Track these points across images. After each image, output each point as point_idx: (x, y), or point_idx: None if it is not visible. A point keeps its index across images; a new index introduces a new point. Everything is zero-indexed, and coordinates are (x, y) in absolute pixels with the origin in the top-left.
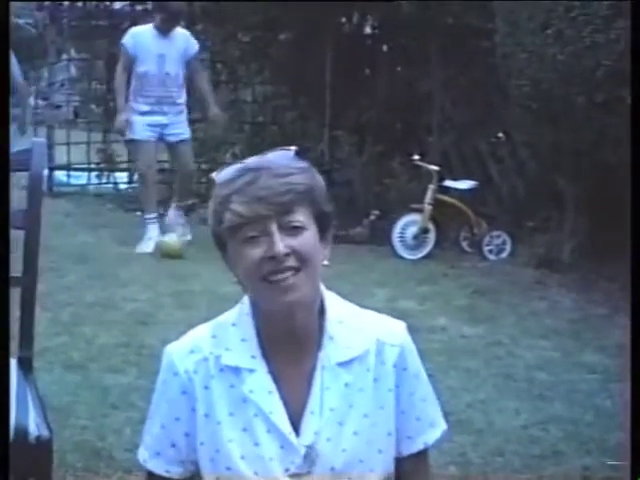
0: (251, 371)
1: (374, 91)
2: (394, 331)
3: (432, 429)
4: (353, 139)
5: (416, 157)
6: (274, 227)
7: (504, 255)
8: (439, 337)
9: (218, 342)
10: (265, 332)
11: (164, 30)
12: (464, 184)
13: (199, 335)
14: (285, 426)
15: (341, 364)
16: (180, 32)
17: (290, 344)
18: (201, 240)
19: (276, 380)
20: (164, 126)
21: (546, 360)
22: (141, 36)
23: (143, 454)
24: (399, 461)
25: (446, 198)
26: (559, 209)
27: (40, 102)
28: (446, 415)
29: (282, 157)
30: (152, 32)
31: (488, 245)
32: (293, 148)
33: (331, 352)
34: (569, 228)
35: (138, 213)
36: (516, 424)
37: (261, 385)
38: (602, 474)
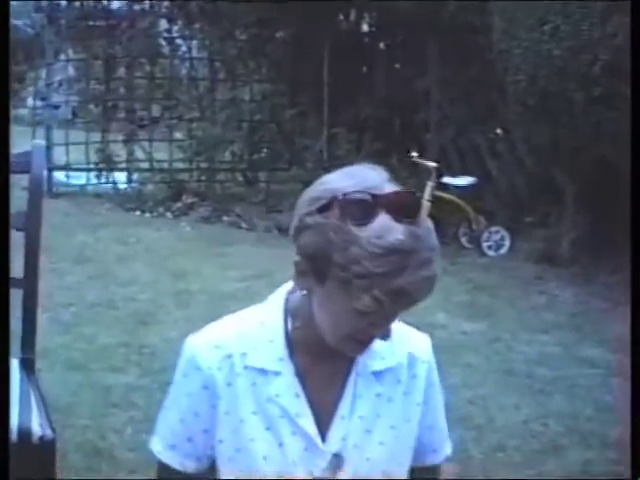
0: (277, 374)
1: (372, 88)
2: (424, 346)
3: (448, 442)
4: (351, 136)
5: (414, 154)
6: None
7: (503, 251)
8: (439, 333)
9: (244, 340)
10: (298, 335)
11: None
12: (463, 180)
13: (224, 330)
14: (311, 429)
15: (375, 373)
16: None
17: (321, 348)
18: (201, 238)
19: (303, 382)
20: None
21: (546, 355)
22: None
23: (157, 445)
24: (420, 470)
25: (445, 195)
26: (558, 204)
27: (38, 102)
28: (447, 411)
29: (421, 222)
30: None
31: (487, 241)
32: (412, 191)
33: (367, 360)
34: (568, 223)
35: (137, 212)
36: (517, 419)
37: (287, 388)
38: (602, 468)
